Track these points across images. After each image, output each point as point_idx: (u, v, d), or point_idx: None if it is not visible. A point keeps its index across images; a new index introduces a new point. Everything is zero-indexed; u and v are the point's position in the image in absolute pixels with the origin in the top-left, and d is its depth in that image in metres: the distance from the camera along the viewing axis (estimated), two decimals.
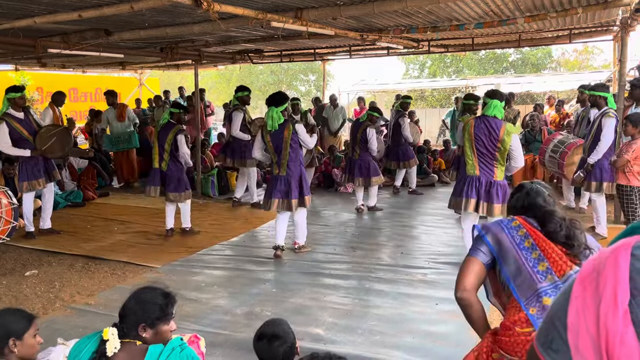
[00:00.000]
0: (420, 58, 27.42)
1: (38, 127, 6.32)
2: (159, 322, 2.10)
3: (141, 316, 2.09)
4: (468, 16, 6.39)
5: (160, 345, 2.06)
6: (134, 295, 2.18)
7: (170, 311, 2.14)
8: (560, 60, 26.09)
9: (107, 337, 2.01)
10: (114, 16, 5.39)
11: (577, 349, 0.81)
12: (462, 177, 4.94)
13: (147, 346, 2.05)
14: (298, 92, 31.06)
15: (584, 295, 0.82)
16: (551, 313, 0.90)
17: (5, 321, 2.25)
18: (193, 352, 2.10)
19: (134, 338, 2.07)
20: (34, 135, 6.19)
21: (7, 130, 6.01)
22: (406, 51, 9.82)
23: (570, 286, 0.86)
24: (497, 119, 4.68)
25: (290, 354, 2.20)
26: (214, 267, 5.34)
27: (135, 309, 2.11)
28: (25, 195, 6.28)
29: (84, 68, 13.08)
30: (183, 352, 2.05)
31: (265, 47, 9.54)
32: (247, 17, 5.39)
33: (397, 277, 4.87)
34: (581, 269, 0.87)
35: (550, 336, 0.87)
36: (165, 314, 2.12)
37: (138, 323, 2.08)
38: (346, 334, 3.71)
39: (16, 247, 6.01)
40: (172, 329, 2.17)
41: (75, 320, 4.02)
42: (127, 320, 2.10)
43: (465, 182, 4.84)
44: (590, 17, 6.81)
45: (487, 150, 4.69)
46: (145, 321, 2.08)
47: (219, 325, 3.89)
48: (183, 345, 2.09)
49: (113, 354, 1.99)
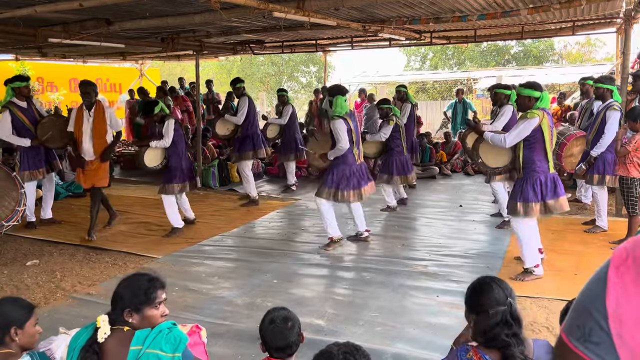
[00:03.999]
0: (421, 50, 27.31)
1: (40, 117, 6.31)
2: (144, 307, 2.09)
3: (126, 301, 2.09)
4: (471, 7, 6.35)
5: (147, 329, 2.06)
6: (122, 281, 2.19)
7: (154, 295, 2.12)
8: (563, 53, 25.98)
9: (99, 325, 2.04)
10: (115, 5, 5.37)
11: (621, 338, 0.78)
12: (538, 177, 4.37)
13: (134, 331, 2.06)
14: (299, 84, 30.98)
15: (622, 281, 0.80)
16: (583, 304, 0.86)
17: (7, 310, 2.25)
18: (182, 333, 2.09)
19: (123, 324, 2.09)
20: (35, 125, 6.19)
21: (9, 119, 6.04)
22: (408, 42, 9.78)
23: (603, 274, 0.83)
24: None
25: (298, 340, 2.20)
26: (215, 258, 5.35)
27: (121, 295, 2.12)
28: (27, 184, 6.28)
29: (85, 58, 13.03)
30: (170, 333, 2.05)
31: (266, 37, 9.49)
32: (249, 7, 5.36)
33: (398, 269, 4.87)
34: (612, 257, 0.84)
35: (588, 328, 0.83)
36: (149, 298, 2.10)
37: (124, 309, 2.09)
38: (347, 325, 3.72)
39: (17, 237, 6.02)
40: (163, 314, 2.16)
41: (76, 309, 4.03)
42: (116, 306, 2.12)
43: (550, 180, 4.39)
44: (593, 9, 6.78)
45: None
46: (130, 306, 2.08)
47: (220, 315, 3.90)
48: (172, 327, 2.08)
49: (103, 340, 2.02)
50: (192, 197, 6.77)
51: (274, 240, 5.96)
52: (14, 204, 5.01)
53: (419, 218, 6.93)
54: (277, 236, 6.12)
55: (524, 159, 4.36)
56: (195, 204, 6.79)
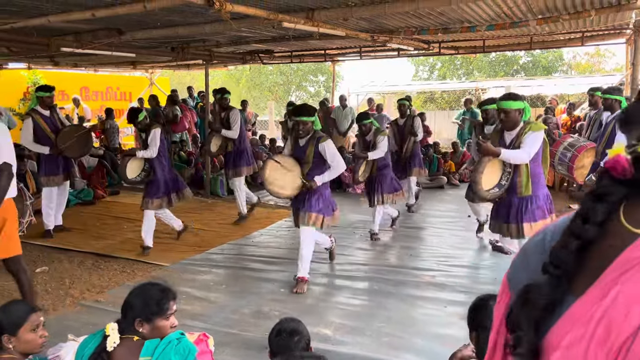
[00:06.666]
0: (430, 60, 27.34)
1: (62, 126, 6.43)
2: (155, 317, 2.09)
3: (137, 311, 2.09)
4: (480, 18, 6.37)
5: (156, 339, 2.06)
6: (133, 290, 2.18)
7: (166, 306, 2.12)
8: (572, 63, 25.91)
9: (108, 333, 2.04)
10: (127, 15, 5.43)
11: None
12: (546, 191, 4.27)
13: (144, 341, 2.05)
14: (307, 93, 31.08)
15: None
16: None
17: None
18: (191, 344, 2.08)
19: (133, 333, 2.08)
20: (56, 134, 6.27)
21: (31, 125, 6.16)
22: (416, 52, 9.81)
23: None
24: None
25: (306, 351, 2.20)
26: (222, 266, 5.36)
27: (133, 304, 2.11)
28: (45, 190, 6.37)
29: (96, 67, 13.18)
30: (179, 344, 2.04)
31: (275, 47, 9.55)
32: (259, 18, 5.41)
33: (406, 279, 4.85)
34: None
35: None
36: (161, 309, 2.10)
37: (135, 318, 2.08)
38: (354, 335, 3.71)
39: (27, 243, 6.05)
40: (173, 325, 2.15)
41: (85, 316, 4.05)
42: (126, 315, 2.11)
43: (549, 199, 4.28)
44: (603, 20, 6.77)
45: None
46: (141, 316, 2.08)
47: (227, 324, 3.90)
48: (180, 338, 2.08)
49: (112, 348, 2.01)
50: (200, 206, 6.80)
51: (281, 248, 5.96)
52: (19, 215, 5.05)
53: (427, 228, 6.91)
54: (284, 245, 6.12)
55: (532, 174, 4.15)
56: (203, 213, 6.82)
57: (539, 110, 12.88)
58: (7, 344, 2.20)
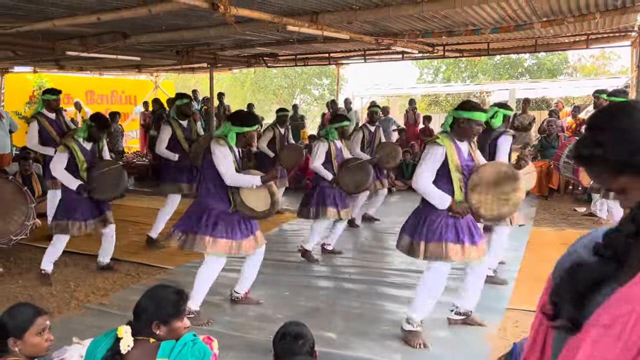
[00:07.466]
0: (434, 63, 27.29)
1: (67, 129, 6.44)
2: (172, 319, 2.12)
3: (154, 313, 2.11)
4: (484, 21, 6.36)
5: (172, 341, 2.08)
6: (148, 293, 2.20)
7: (182, 308, 2.17)
8: (577, 66, 25.82)
9: (121, 335, 2.03)
10: (132, 19, 5.46)
11: None
12: None
13: (160, 343, 2.07)
14: (312, 96, 31.10)
15: None
16: None
17: (5, 320, 2.23)
18: (205, 347, 2.10)
19: (148, 335, 2.09)
20: (61, 137, 6.29)
21: (37, 128, 6.22)
22: (421, 55, 9.80)
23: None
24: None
25: (310, 356, 2.20)
26: (226, 269, 5.32)
27: (149, 307, 2.13)
28: (50, 193, 6.40)
29: (101, 70, 13.24)
30: (195, 346, 2.06)
31: (280, 50, 9.58)
32: (263, 21, 5.42)
33: (409, 282, 4.83)
34: None
35: None
36: (178, 311, 2.14)
37: (151, 320, 2.10)
38: (358, 338, 3.70)
39: (32, 246, 6.08)
40: (186, 326, 2.18)
41: (90, 319, 4.06)
42: (140, 317, 2.12)
43: None
44: (608, 23, 6.75)
45: None
46: (159, 318, 2.10)
47: (231, 327, 3.90)
48: (195, 340, 2.10)
49: (127, 351, 2.01)
50: None
51: (285, 252, 5.96)
52: (24, 217, 5.05)
53: None
54: (289, 248, 6.11)
55: None
56: None
57: (544, 114, 12.84)
58: (13, 347, 2.20)
